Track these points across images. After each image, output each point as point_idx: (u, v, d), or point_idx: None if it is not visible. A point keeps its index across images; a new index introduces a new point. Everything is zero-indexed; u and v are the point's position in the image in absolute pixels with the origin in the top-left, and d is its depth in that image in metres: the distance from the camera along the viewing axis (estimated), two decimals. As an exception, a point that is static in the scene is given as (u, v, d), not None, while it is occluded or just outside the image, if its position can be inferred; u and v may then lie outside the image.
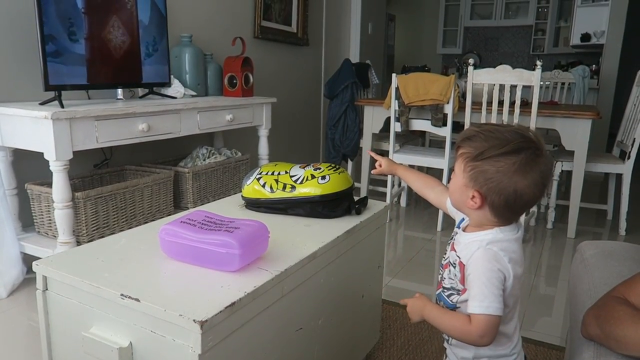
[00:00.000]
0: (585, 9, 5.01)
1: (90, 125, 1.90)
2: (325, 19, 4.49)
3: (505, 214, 0.89)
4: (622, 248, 1.39)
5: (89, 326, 0.93)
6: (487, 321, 0.84)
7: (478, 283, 0.86)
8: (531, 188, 0.85)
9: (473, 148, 0.87)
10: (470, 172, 0.87)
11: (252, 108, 2.83)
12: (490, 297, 0.84)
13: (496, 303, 0.84)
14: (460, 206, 0.94)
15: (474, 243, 0.90)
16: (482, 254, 0.87)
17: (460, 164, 0.90)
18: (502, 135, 0.86)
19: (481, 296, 0.85)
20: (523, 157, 0.84)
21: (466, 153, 0.88)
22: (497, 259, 0.87)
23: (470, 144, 0.88)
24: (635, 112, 2.98)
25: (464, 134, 0.91)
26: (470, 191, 0.88)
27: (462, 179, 0.89)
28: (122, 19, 2.22)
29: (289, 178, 1.37)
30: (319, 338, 1.20)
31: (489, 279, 0.85)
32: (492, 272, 0.85)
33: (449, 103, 2.86)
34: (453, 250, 0.95)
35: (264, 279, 0.94)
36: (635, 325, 0.82)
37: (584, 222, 3.23)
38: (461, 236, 0.96)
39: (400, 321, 1.86)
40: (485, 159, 0.85)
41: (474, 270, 0.87)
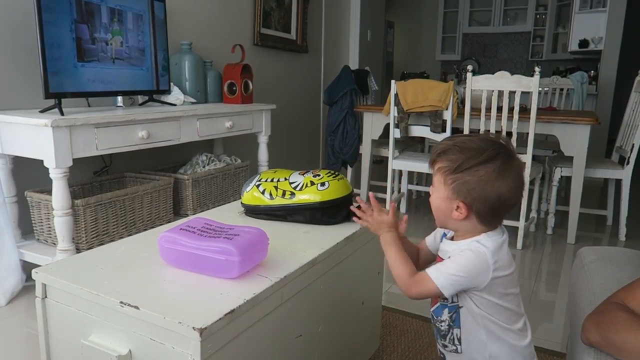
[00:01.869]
0: (583, 15, 5.03)
1: (90, 133, 1.91)
2: (325, 26, 4.51)
3: (491, 220, 0.92)
4: (621, 254, 1.39)
5: (88, 334, 0.93)
6: (427, 283, 0.90)
7: (452, 263, 0.90)
8: (512, 191, 0.89)
9: (450, 161, 0.90)
10: (452, 184, 0.90)
11: (252, 115, 2.84)
12: (449, 277, 0.89)
13: (447, 282, 0.89)
14: (445, 219, 0.95)
15: (463, 244, 0.93)
16: (471, 250, 0.90)
17: (439, 177, 0.92)
18: (475, 145, 0.89)
19: (447, 269, 0.89)
20: (500, 163, 0.87)
21: (444, 167, 0.91)
22: (481, 263, 0.89)
23: (447, 157, 0.90)
24: (634, 117, 2.99)
25: (438, 148, 0.93)
26: (455, 202, 0.90)
27: (444, 192, 0.91)
28: (122, 27, 2.23)
29: (289, 185, 1.37)
30: (319, 345, 1.19)
31: (462, 268, 0.89)
32: (468, 269, 0.89)
33: (448, 109, 2.87)
34: (439, 262, 0.97)
35: (263, 286, 0.94)
36: (635, 331, 0.82)
37: (584, 228, 3.23)
38: (447, 245, 0.98)
39: (401, 328, 1.86)
40: (465, 170, 0.88)
41: (457, 256, 0.91)
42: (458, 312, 0.96)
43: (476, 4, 7.30)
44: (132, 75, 2.32)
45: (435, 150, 0.94)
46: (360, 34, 4.98)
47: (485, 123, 2.81)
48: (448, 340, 1.00)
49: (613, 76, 4.66)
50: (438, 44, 7.63)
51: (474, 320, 0.95)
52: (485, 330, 0.95)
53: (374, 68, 5.10)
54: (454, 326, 0.98)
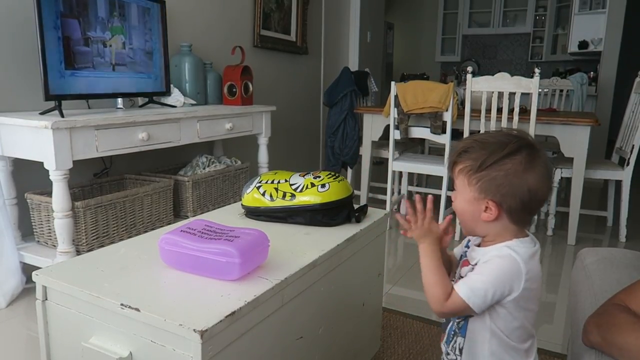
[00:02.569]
0: (583, 16, 5.03)
1: (90, 135, 1.91)
2: (324, 27, 4.52)
3: (523, 216, 0.87)
4: (622, 255, 1.39)
5: (89, 336, 0.93)
6: (461, 305, 0.84)
7: (483, 276, 0.84)
8: (541, 182, 0.84)
9: (473, 160, 0.85)
10: (478, 183, 0.84)
11: (252, 116, 2.84)
12: (479, 293, 0.83)
13: (480, 300, 0.83)
14: (473, 225, 0.89)
15: (494, 249, 0.87)
16: (503, 256, 0.84)
17: (462, 179, 0.87)
18: (496, 139, 0.85)
19: (477, 285, 0.83)
20: (525, 154, 0.83)
21: (467, 166, 0.86)
22: (513, 273, 0.84)
23: (469, 156, 0.86)
24: (634, 118, 2.99)
25: (458, 149, 0.88)
26: (482, 203, 0.85)
27: (470, 194, 0.86)
28: (122, 29, 2.23)
29: (289, 186, 1.37)
30: (320, 347, 1.19)
31: (494, 280, 0.83)
32: (500, 280, 0.83)
33: (448, 111, 2.87)
34: (466, 265, 0.92)
35: (264, 287, 0.94)
36: (637, 333, 0.82)
37: (584, 229, 3.23)
38: (476, 252, 0.92)
39: (401, 329, 1.85)
40: (490, 165, 0.83)
41: (487, 265, 0.85)
42: (466, 321, 0.92)
43: (476, 6, 7.31)
44: (132, 76, 2.32)
45: (456, 151, 0.89)
46: (360, 36, 4.98)
47: (485, 124, 2.81)
48: (450, 348, 0.96)
49: (613, 77, 4.66)
50: (438, 46, 7.63)
51: (482, 332, 0.90)
52: (490, 345, 0.89)
53: (373, 69, 5.11)
54: (458, 334, 0.94)
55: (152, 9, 2.37)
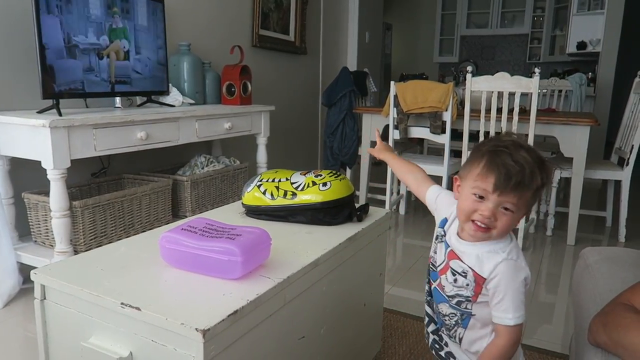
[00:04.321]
0: (581, 17, 5.04)
1: (88, 134, 1.89)
2: (323, 28, 4.51)
3: None
4: (625, 254, 1.38)
5: (88, 336, 0.91)
6: (519, 329, 0.89)
7: (509, 296, 0.88)
8: None
9: (538, 181, 0.85)
10: (537, 199, 0.89)
11: (251, 116, 2.83)
12: (521, 307, 0.88)
13: (524, 311, 0.89)
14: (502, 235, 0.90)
15: (492, 255, 0.90)
16: (507, 267, 0.88)
17: (526, 200, 0.87)
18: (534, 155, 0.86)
19: (515, 307, 0.88)
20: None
21: (533, 188, 0.86)
22: (520, 268, 0.89)
23: (534, 180, 0.85)
24: (633, 119, 2.99)
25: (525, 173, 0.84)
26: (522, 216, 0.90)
27: (526, 210, 0.89)
28: (120, 27, 2.21)
29: (290, 185, 1.36)
30: (322, 347, 1.18)
31: (518, 289, 0.88)
32: (520, 284, 0.89)
33: (447, 110, 2.86)
34: (458, 260, 0.93)
35: (266, 286, 0.93)
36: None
37: (583, 229, 3.22)
38: (463, 245, 0.93)
39: (402, 330, 1.84)
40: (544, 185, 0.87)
41: (503, 284, 0.88)
42: (468, 317, 0.95)
43: (474, 6, 7.32)
44: (131, 75, 2.31)
45: (515, 179, 0.83)
46: (358, 36, 4.98)
47: (484, 124, 2.80)
48: (452, 333, 1.00)
49: (611, 78, 4.67)
50: (436, 46, 7.64)
51: (482, 328, 0.95)
52: (489, 337, 0.95)
53: (372, 70, 5.10)
54: (460, 324, 0.97)
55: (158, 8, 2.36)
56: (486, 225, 0.87)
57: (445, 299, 0.97)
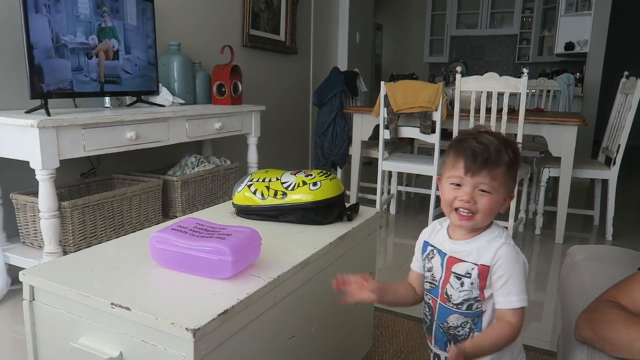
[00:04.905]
0: (569, 18, 5.09)
1: (77, 134, 1.88)
2: (313, 28, 4.51)
3: None
4: (612, 252, 1.40)
5: (78, 336, 0.91)
6: (523, 313, 0.91)
7: (514, 279, 0.90)
8: None
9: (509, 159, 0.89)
10: (512, 180, 0.92)
11: (241, 116, 2.82)
12: (523, 289, 0.90)
13: (526, 294, 0.90)
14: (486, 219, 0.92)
15: (493, 243, 0.92)
16: (508, 251, 0.91)
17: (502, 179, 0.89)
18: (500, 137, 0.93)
19: (519, 290, 0.90)
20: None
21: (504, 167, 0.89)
22: (519, 252, 0.92)
23: (501, 157, 0.89)
24: (620, 119, 3.03)
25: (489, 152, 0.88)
26: (506, 197, 0.92)
27: (505, 191, 0.91)
28: (110, 27, 2.20)
29: (280, 185, 1.36)
30: (313, 346, 1.18)
31: (520, 272, 0.90)
32: (522, 266, 0.91)
33: (437, 110, 2.88)
34: (460, 262, 0.94)
35: (256, 286, 0.93)
36: (628, 328, 0.83)
37: (571, 228, 3.26)
38: (461, 245, 0.94)
39: (392, 328, 1.85)
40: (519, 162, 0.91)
41: (505, 266, 0.90)
42: (480, 317, 0.95)
43: (463, 7, 7.36)
44: (120, 75, 2.29)
45: (481, 157, 0.88)
46: (349, 36, 4.99)
47: (474, 124, 2.82)
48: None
49: (598, 78, 4.72)
50: (426, 47, 7.67)
51: (492, 320, 0.95)
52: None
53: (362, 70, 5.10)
54: (475, 329, 0.96)
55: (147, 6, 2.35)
56: (468, 210, 0.90)
57: (453, 310, 0.96)
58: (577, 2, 4.97)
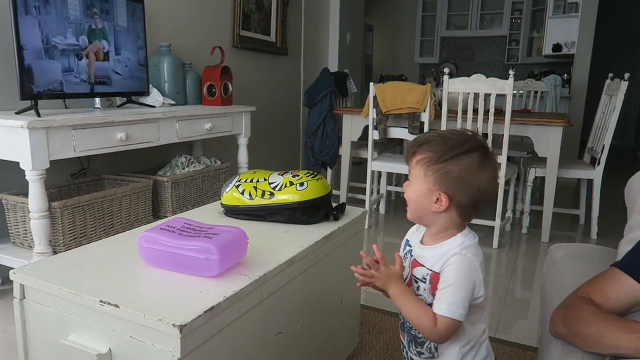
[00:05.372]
0: (557, 20, 5.16)
1: (68, 135, 1.89)
2: (304, 29, 4.54)
3: (470, 212, 0.91)
4: (590, 250, 1.45)
5: (68, 334, 0.93)
6: (450, 324, 0.87)
7: (451, 287, 0.87)
8: (491, 183, 0.89)
9: (433, 152, 0.89)
10: (434, 175, 0.88)
11: (232, 117, 2.84)
12: (458, 303, 0.87)
13: (462, 309, 0.87)
14: (422, 214, 0.93)
15: (446, 253, 0.91)
16: (459, 260, 0.89)
17: (419, 170, 0.90)
18: (456, 137, 0.90)
19: (451, 299, 0.87)
20: (481, 155, 0.88)
21: (426, 157, 0.89)
22: (473, 267, 0.89)
23: (430, 148, 0.89)
24: (605, 120, 3.09)
25: (419, 140, 0.92)
26: (436, 194, 0.89)
27: (425, 185, 0.90)
28: (100, 28, 2.22)
29: (268, 185, 1.39)
30: (299, 343, 1.21)
31: (462, 286, 0.87)
32: (467, 281, 0.88)
33: (425, 111, 2.92)
34: (420, 267, 0.95)
35: (243, 284, 0.96)
36: (598, 324, 0.86)
37: (558, 227, 3.31)
38: (425, 250, 0.96)
39: (379, 326, 1.89)
40: (449, 159, 0.87)
41: (449, 274, 0.88)
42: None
43: (454, 9, 7.42)
44: (111, 76, 2.31)
45: (415, 142, 0.92)
46: (340, 37, 5.02)
47: (462, 125, 2.86)
48: (425, 348, 0.99)
49: (585, 79, 4.79)
50: (417, 48, 7.73)
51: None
52: (459, 335, 0.94)
53: (353, 71, 5.14)
54: None
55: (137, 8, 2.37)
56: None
57: None
58: (565, 4, 5.04)
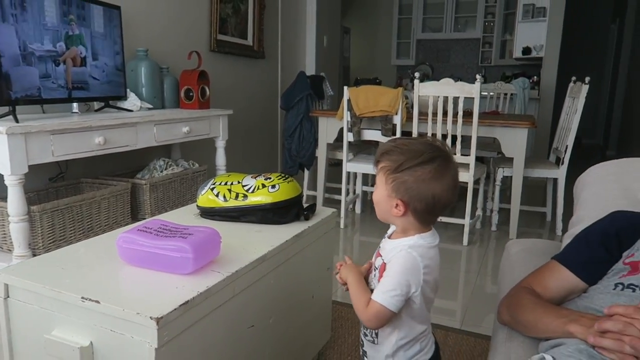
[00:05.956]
0: (526, 24, 5.33)
1: (46, 140, 1.93)
2: (281, 32, 4.61)
3: (426, 217, 0.99)
4: (544, 245, 1.56)
5: (51, 329, 0.99)
6: (380, 310, 0.95)
7: (389, 278, 0.96)
8: (446, 192, 0.96)
9: (392, 161, 0.97)
10: (392, 183, 0.96)
11: (209, 120, 2.90)
12: (390, 292, 0.95)
13: (393, 300, 0.94)
14: (385, 215, 1.02)
15: (397, 247, 0.99)
16: (403, 256, 0.97)
17: (381, 176, 0.99)
18: (415, 147, 0.97)
19: (386, 288, 0.95)
20: (436, 165, 0.95)
21: (386, 166, 0.98)
22: (413, 266, 0.96)
23: (389, 157, 0.98)
24: (568, 121, 3.23)
25: (382, 149, 1.01)
26: (394, 200, 0.97)
27: (385, 190, 0.98)
28: (77, 34, 2.26)
29: (241, 187, 1.46)
30: (271, 335, 1.29)
31: (399, 281, 0.95)
32: (403, 276, 0.95)
33: (397, 114, 3.02)
34: (379, 256, 1.04)
35: (215, 279, 1.03)
36: (534, 311, 0.96)
37: (526, 224, 3.46)
38: (386, 243, 1.05)
39: (352, 320, 1.98)
40: (404, 170, 0.95)
41: (391, 266, 0.97)
42: None
43: (429, 12, 7.58)
44: (87, 81, 2.35)
45: (379, 150, 1.01)
46: (316, 40, 5.10)
47: (432, 127, 2.98)
48: (369, 331, 1.06)
49: (553, 81, 4.97)
50: (393, 50, 7.86)
51: (395, 320, 1.00)
52: (398, 329, 1.01)
53: (330, 73, 5.23)
54: None
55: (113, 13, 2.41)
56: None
57: None
58: (533, 9, 5.22)
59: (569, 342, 0.83)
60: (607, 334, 0.76)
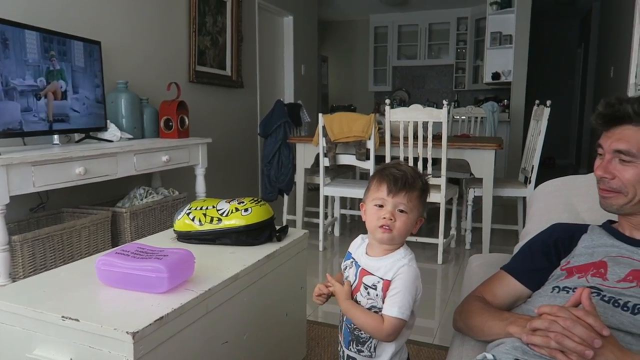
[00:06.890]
0: (494, 50, 5.58)
1: (27, 171, 1.99)
2: (259, 62, 4.75)
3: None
4: (501, 259, 1.65)
5: (33, 348, 1.05)
6: (399, 323, 1.05)
7: (401, 293, 1.05)
8: None
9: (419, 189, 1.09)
10: (423, 204, 1.10)
11: (188, 148, 2.99)
12: (407, 305, 1.05)
13: (408, 311, 1.05)
14: (402, 238, 1.11)
15: (397, 262, 1.09)
16: (407, 270, 1.07)
17: (416, 202, 1.08)
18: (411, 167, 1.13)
19: (401, 303, 1.05)
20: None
21: (418, 191, 1.09)
22: (417, 277, 1.08)
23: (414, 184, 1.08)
24: (533, 142, 3.39)
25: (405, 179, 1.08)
26: (419, 219, 1.10)
27: (418, 213, 1.10)
28: (58, 69, 2.34)
29: (216, 212, 1.54)
30: (245, 351, 1.36)
31: (410, 292, 1.06)
32: (414, 287, 1.06)
33: (370, 139, 3.14)
34: (369, 275, 1.12)
35: (189, 297, 1.11)
36: (482, 316, 1.06)
37: (499, 242, 3.57)
38: (373, 261, 1.12)
39: (328, 339, 2.04)
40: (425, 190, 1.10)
41: (400, 282, 1.06)
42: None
43: (403, 40, 7.86)
44: (68, 113, 2.43)
45: (396, 181, 1.07)
46: (294, 69, 5.27)
47: (404, 150, 3.10)
48: (366, 347, 1.14)
49: (522, 104, 5.19)
50: (370, 76, 8.09)
51: None
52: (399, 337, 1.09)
53: (309, 100, 5.39)
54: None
55: (90, 49, 2.51)
56: (388, 226, 1.08)
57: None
58: (500, 37, 5.47)
59: (507, 341, 0.92)
60: (537, 331, 0.85)
